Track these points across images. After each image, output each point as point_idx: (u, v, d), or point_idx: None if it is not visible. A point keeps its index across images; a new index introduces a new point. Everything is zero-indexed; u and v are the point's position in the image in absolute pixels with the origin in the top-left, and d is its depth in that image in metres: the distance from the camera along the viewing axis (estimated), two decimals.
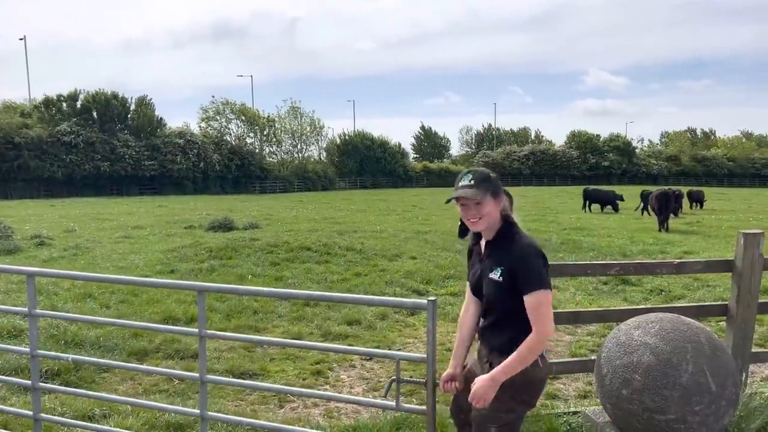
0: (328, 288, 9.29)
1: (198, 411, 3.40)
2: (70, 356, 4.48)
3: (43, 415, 3.77)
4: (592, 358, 4.02)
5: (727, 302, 4.36)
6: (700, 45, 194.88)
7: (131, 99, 53.83)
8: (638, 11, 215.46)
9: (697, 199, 28.49)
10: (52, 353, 5.39)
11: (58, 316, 6.28)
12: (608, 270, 4.18)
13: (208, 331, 3.33)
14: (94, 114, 51.04)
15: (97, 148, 48.89)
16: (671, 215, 19.63)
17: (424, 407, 2.97)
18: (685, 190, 25.00)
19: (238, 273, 10.03)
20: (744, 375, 4.29)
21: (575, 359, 4.92)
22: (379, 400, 4.03)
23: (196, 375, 3.46)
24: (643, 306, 5.96)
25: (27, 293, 3.58)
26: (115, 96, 52.22)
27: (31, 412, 3.71)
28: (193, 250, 12.68)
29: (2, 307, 7.07)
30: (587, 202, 27.95)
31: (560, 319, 4.61)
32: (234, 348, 6.37)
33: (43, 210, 27.54)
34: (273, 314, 7.70)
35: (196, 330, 3.29)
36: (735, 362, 3.64)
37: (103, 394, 4.56)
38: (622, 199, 28.08)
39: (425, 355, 2.88)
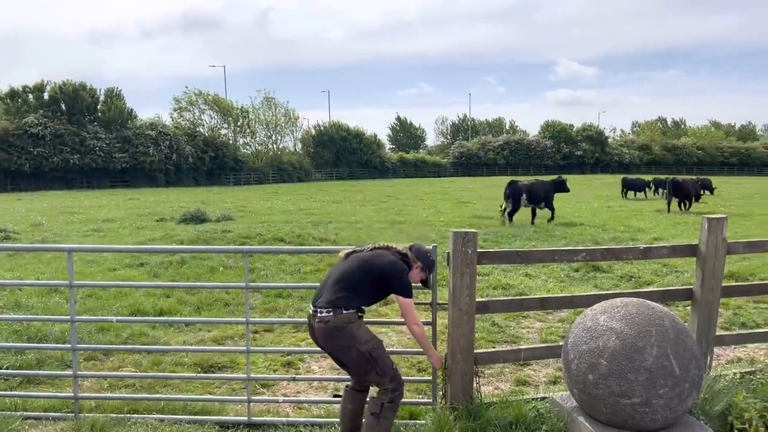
0: (302, 279, 9.22)
1: (244, 348, 4.51)
2: (115, 318, 5.60)
3: (80, 372, 4.64)
4: (561, 344, 4.04)
5: (692, 286, 4.41)
6: (668, 36, 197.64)
7: (100, 90, 52.72)
8: (607, 1, 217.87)
9: (705, 187, 29.40)
10: (95, 317, 6.40)
11: (96, 285, 7.25)
12: (575, 256, 4.19)
13: (251, 284, 4.48)
14: (62, 105, 49.78)
15: (65, 140, 47.75)
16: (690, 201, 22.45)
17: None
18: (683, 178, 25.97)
19: (210, 265, 9.89)
20: (708, 358, 4.36)
21: (544, 345, 4.95)
22: None
23: (243, 319, 4.50)
24: (610, 291, 6.00)
25: (68, 268, 4.30)
26: (83, 87, 50.98)
27: (71, 372, 4.53)
28: (163, 242, 12.48)
29: (47, 282, 8.14)
30: (625, 190, 30.81)
31: (529, 305, 4.64)
32: (204, 341, 6.29)
33: (9, 204, 26.83)
34: (244, 306, 7.59)
35: (243, 284, 4.34)
36: (699, 345, 3.69)
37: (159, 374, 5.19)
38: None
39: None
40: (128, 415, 4.23)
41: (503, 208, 17.62)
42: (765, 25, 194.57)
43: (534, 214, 17.44)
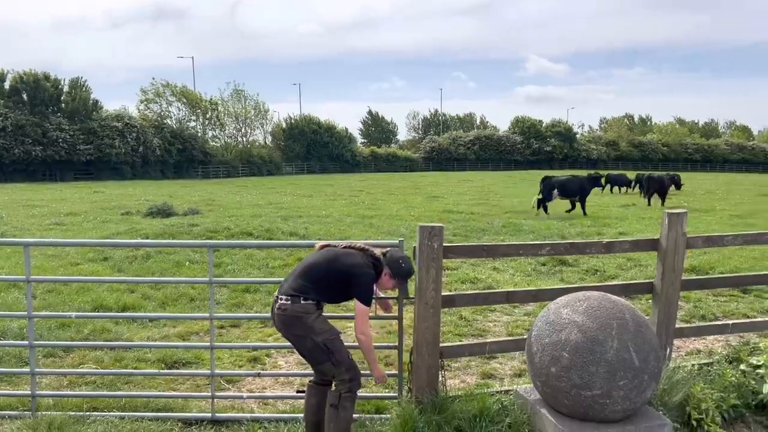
0: (270, 274, 9.13)
1: (208, 344, 4.48)
2: (74, 314, 5.64)
3: (38, 369, 4.53)
4: (525, 337, 4.08)
5: (653, 280, 4.49)
6: (635, 35, 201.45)
7: (64, 80, 51.32)
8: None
9: (674, 182, 30.09)
10: (53, 313, 6.43)
11: (54, 280, 7.39)
12: (539, 250, 4.23)
13: (216, 279, 4.49)
14: (24, 96, 48.38)
15: (27, 132, 46.41)
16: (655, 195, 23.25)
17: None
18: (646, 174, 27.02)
19: (176, 260, 9.72)
20: (668, 350, 4.45)
21: (509, 338, 5.00)
22: None
23: (207, 315, 4.57)
24: (573, 285, 6.10)
25: (24, 262, 4.20)
26: (46, 77, 49.60)
27: (28, 369, 4.40)
28: (128, 236, 12.25)
29: (3, 277, 7.95)
30: (610, 186, 32.25)
31: (495, 299, 4.67)
32: (168, 337, 6.19)
33: None
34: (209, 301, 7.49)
35: (207, 279, 4.34)
36: (658, 337, 3.76)
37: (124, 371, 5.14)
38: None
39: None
40: (87, 413, 4.13)
41: (535, 200, 19.34)
42: (728, 24, 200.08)
43: (573, 206, 19.25)
